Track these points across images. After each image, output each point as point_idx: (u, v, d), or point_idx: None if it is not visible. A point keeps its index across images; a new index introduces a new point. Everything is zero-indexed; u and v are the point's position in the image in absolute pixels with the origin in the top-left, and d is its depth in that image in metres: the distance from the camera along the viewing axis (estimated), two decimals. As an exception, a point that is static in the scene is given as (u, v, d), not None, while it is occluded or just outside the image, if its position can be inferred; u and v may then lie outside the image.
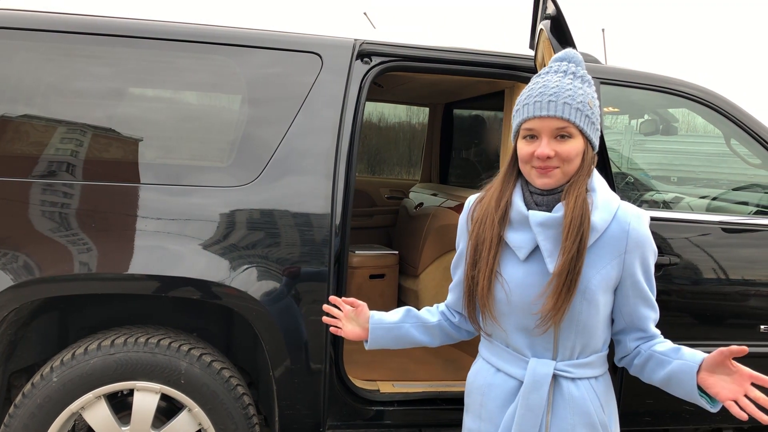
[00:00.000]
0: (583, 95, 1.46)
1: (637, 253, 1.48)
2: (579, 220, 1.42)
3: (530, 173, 1.49)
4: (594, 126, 1.48)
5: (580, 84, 1.47)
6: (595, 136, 1.50)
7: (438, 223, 3.89)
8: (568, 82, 1.46)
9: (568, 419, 1.50)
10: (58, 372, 2.27)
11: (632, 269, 1.48)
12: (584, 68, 1.52)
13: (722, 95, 2.92)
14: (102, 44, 2.41)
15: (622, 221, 1.47)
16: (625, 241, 1.46)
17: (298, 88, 2.50)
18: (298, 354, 2.43)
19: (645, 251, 1.49)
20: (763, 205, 3.10)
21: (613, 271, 1.47)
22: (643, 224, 1.49)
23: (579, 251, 1.42)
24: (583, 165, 1.48)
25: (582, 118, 1.45)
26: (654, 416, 2.84)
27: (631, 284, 1.49)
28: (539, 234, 1.47)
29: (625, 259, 1.47)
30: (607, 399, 1.57)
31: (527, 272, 1.49)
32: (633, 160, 6.24)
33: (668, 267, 2.68)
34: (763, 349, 2.81)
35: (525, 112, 1.47)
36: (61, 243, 2.27)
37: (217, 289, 2.34)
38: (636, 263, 1.48)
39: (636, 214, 1.49)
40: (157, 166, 2.40)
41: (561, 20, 2.41)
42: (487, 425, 1.59)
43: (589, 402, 1.52)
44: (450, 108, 4.81)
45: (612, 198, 1.51)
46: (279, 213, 2.41)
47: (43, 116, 2.36)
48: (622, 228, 1.46)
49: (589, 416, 1.51)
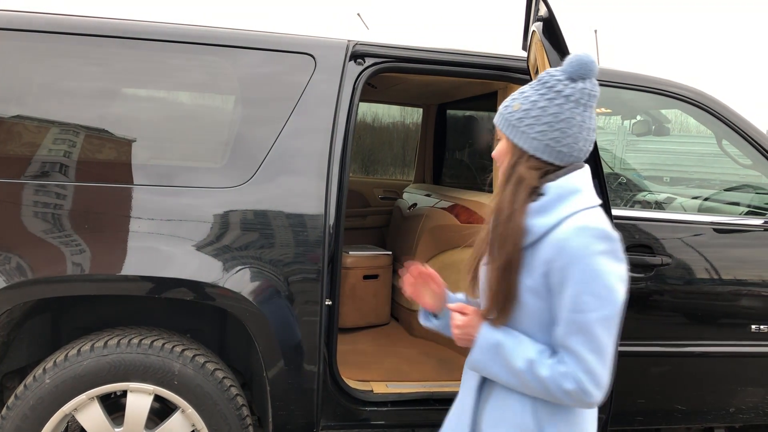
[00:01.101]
0: (512, 99, 1.51)
1: (560, 264, 1.38)
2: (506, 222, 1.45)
3: None
4: (516, 129, 1.47)
5: (526, 88, 1.50)
6: (521, 140, 1.47)
7: (431, 224, 3.89)
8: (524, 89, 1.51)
9: (497, 412, 1.51)
10: (51, 373, 2.26)
11: (554, 280, 1.40)
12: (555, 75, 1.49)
13: (713, 96, 2.94)
14: (95, 45, 2.40)
15: (560, 229, 1.40)
16: (554, 250, 1.39)
17: (291, 89, 2.50)
18: (291, 355, 2.43)
19: (571, 265, 1.36)
20: (755, 205, 3.12)
21: (542, 278, 1.41)
22: (580, 236, 1.37)
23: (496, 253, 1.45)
24: (511, 167, 1.50)
25: (502, 121, 1.51)
26: (646, 416, 2.85)
27: (554, 296, 1.41)
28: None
29: (551, 267, 1.40)
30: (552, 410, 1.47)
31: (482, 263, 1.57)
32: (625, 160, 6.26)
33: (660, 267, 2.69)
34: (754, 349, 2.83)
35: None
36: (54, 244, 2.26)
37: (210, 290, 2.34)
38: (558, 276, 1.39)
39: (578, 225, 1.38)
40: (150, 167, 2.39)
41: (553, 22, 2.42)
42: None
43: (516, 402, 1.48)
44: (443, 109, 4.82)
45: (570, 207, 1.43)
46: (272, 214, 2.41)
47: (36, 117, 2.35)
48: (557, 237, 1.40)
49: (512, 415, 1.48)
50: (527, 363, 1.40)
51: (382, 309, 4.16)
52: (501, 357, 1.44)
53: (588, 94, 1.46)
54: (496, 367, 1.46)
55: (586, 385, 1.35)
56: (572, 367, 1.36)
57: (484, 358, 1.47)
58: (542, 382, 1.38)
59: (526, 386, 1.42)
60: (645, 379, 2.78)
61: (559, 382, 1.36)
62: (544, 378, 1.38)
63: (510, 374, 1.44)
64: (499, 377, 1.46)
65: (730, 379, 2.85)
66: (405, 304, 4.09)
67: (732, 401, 2.88)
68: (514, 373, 1.43)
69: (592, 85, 1.46)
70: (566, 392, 1.36)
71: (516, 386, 1.45)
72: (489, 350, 1.46)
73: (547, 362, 1.39)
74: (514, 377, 1.43)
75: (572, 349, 1.37)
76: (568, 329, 1.37)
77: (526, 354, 1.41)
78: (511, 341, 1.44)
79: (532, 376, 1.40)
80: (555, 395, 1.38)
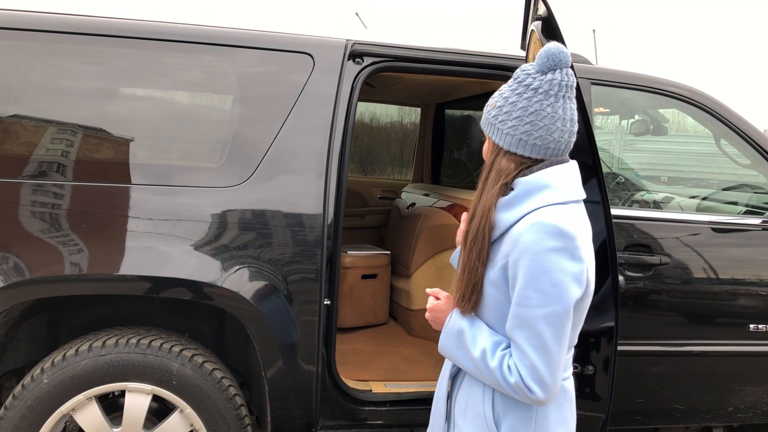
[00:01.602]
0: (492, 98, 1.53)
1: (513, 258, 1.39)
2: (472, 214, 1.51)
3: None
4: (493, 126, 1.51)
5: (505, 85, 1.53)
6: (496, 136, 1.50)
7: (430, 223, 3.89)
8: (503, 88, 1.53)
9: (464, 398, 1.56)
10: (49, 373, 2.25)
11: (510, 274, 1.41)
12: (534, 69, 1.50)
13: (712, 96, 2.94)
14: (93, 44, 2.40)
15: (519, 225, 1.41)
16: (510, 245, 1.41)
17: (290, 89, 2.50)
18: (290, 354, 2.43)
19: (520, 259, 1.38)
20: (753, 205, 3.12)
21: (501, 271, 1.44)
22: (531, 232, 1.38)
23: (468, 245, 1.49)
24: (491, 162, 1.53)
25: (483, 119, 1.54)
26: (644, 415, 2.85)
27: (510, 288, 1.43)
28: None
29: (508, 261, 1.41)
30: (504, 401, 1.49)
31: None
32: (624, 160, 6.26)
33: (659, 267, 2.69)
34: (752, 348, 2.83)
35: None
36: (52, 244, 2.26)
37: (209, 289, 2.33)
38: (510, 270, 1.41)
39: (532, 221, 1.39)
40: (148, 167, 2.39)
41: (552, 21, 2.42)
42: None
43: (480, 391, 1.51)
44: (442, 108, 4.82)
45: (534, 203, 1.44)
46: (271, 213, 2.41)
47: (33, 116, 2.34)
48: (515, 232, 1.41)
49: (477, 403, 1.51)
50: (481, 352, 1.44)
51: (381, 309, 4.16)
52: (462, 344, 1.49)
53: (559, 85, 1.45)
54: (459, 353, 1.50)
55: (527, 380, 1.36)
56: (515, 360, 1.39)
57: (449, 343, 1.53)
58: (492, 373, 1.42)
59: (483, 376, 1.46)
60: (643, 379, 2.78)
61: (505, 374, 1.39)
62: (493, 369, 1.41)
63: (470, 362, 1.48)
64: (463, 364, 1.51)
65: (729, 378, 2.85)
66: (404, 303, 4.09)
67: (730, 400, 2.88)
68: (472, 361, 1.47)
69: (563, 75, 1.46)
70: (510, 385, 1.39)
71: (476, 375, 1.49)
72: (453, 336, 1.52)
73: (498, 354, 1.42)
74: (474, 365, 1.47)
75: (517, 342, 1.39)
76: (513, 322, 1.40)
77: (482, 343, 1.45)
78: (472, 330, 1.49)
79: (484, 366, 1.43)
80: (504, 387, 1.42)
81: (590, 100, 2.78)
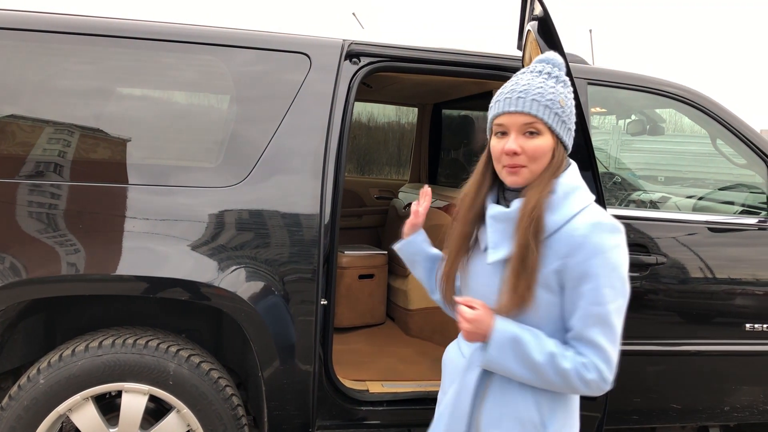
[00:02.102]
0: (553, 93, 1.47)
1: (579, 259, 1.40)
2: (532, 222, 1.42)
3: (501, 172, 1.52)
4: (565, 125, 1.48)
5: (553, 84, 1.48)
6: (567, 135, 1.50)
7: (427, 224, 3.87)
8: (540, 81, 1.48)
9: (497, 408, 1.52)
10: (45, 374, 2.25)
11: (572, 275, 1.42)
12: (564, 71, 1.53)
13: (708, 95, 2.95)
14: (90, 44, 2.39)
15: (572, 226, 1.42)
16: (569, 245, 1.41)
17: (286, 89, 2.50)
18: (287, 354, 2.43)
19: (590, 259, 1.39)
20: (749, 204, 3.13)
21: (555, 274, 1.43)
22: (596, 233, 1.40)
23: (528, 248, 1.42)
24: (551, 164, 1.48)
25: (550, 115, 1.45)
26: (641, 414, 2.86)
27: (571, 290, 1.43)
28: (490, 226, 1.52)
29: (567, 263, 1.41)
30: (553, 402, 1.51)
31: (482, 262, 1.56)
32: (620, 160, 6.27)
33: (655, 266, 2.70)
34: (748, 348, 2.84)
35: (495, 108, 1.51)
36: (49, 244, 2.25)
37: (206, 289, 2.33)
38: (576, 271, 1.41)
39: (592, 222, 1.42)
40: (145, 167, 2.39)
41: (548, 21, 2.42)
42: (441, 396, 1.70)
43: (519, 396, 1.50)
44: (439, 108, 4.82)
45: (576, 203, 1.46)
46: (268, 213, 2.41)
47: (30, 116, 2.34)
48: (570, 233, 1.42)
49: (517, 410, 1.49)
50: (548, 356, 1.42)
51: (378, 309, 4.16)
52: (519, 351, 1.43)
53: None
54: (512, 362, 1.45)
55: (605, 373, 1.40)
56: (592, 358, 1.40)
57: (499, 354, 1.45)
58: (563, 375, 1.41)
59: (543, 379, 1.43)
60: (640, 378, 2.78)
61: (581, 373, 1.40)
62: (566, 370, 1.40)
63: (526, 368, 1.44)
64: (512, 372, 1.46)
65: (725, 377, 2.85)
66: (401, 303, 4.09)
67: (727, 400, 2.89)
68: (531, 366, 1.43)
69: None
70: (586, 382, 1.40)
71: (529, 380, 1.45)
72: (506, 345, 1.44)
73: (568, 355, 1.42)
74: (531, 371, 1.44)
75: (592, 340, 1.41)
76: (586, 322, 1.41)
77: (547, 347, 1.43)
78: (528, 335, 1.44)
79: (552, 369, 1.41)
80: (573, 386, 1.42)
81: (587, 100, 2.79)
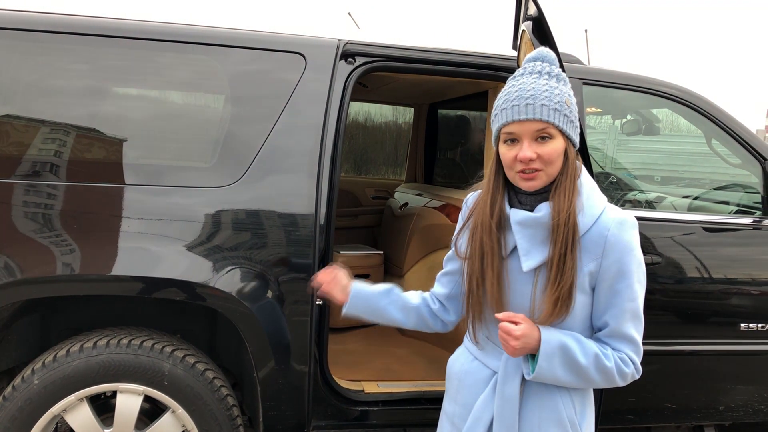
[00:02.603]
0: (560, 95, 1.46)
1: (613, 258, 1.45)
2: (570, 228, 1.44)
3: (515, 178, 1.50)
4: (573, 124, 1.49)
5: (555, 83, 1.48)
6: (575, 134, 1.51)
7: (423, 223, 3.89)
8: (543, 83, 1.47)
9: (536, 413, 1.53)
10: (40, 374, 2.24)
11: (607, 275, 1.46)
12: (558, 66, 1.53)
13: (703, 95, 2.95)
14: (85, 44, 2.39)
15: (602, 226, 1.46)
16: (603, 246, 1.45)
17: (281, 89, 2.49)
18: (282, 355, 2.43)
19: (624, 257, 1.45)
20: (744, 204, 3.13)
21: (589, 275, 1.47)
22: (625, 230, 1.46)
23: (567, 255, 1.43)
24: (567, 164, 1.48)
25: (561, 118, 1.46)
26: (636, 414, 2.86)
27: (606, 288, 1.48)
28: (517, 233, 1.50)
29: (601, 263, 1.46)
30: (583, 398, 1.57)
31: (506, 269, 1.53)
32: (616, 159, 6.27)
33: (651, 266, 2.70)
34: (743, 347, 2.85)
35: (504, 117, 1.48)
36: (44, 244, 2.25)
37: (201, 290, 2.33)
38: (612, 269, 1.45)
39: (618, 219, 1.47)
40: (140, 167, 2.38)
41: (543, 21, 2.42)
42: (461, 409, 1.66)
43: (558, 398, 1.53)
44: (435, 108, 4.82)
45: (597, 202, 1.50)
46: (263, 213, 2.41)
47: (24, 116, 2.33)
48: (601, 233, 1.46)
49: (557, 412, 1.52)
50: (593, 358, 1.46)
51: (374, 308, 4.15)
52: (566, 359, 1.45)
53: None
54: (559, 370, 1.46)
55: (638, 364, 1.50)
56: (628, 352, 1.47)
57: (549, 365, 1.46)
58: (606, 373, 1.46)
59: (586, 380, 1.47)
60: (635, 378, 2.79)
61: (621, 368, 1.46)
62: (609, 368, 1.45)
63: (572, 373, 1.47)
64: (558, 378, 1.48)
65: (720, 377, 2.86)
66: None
67: (721, 399, 2.89)
68: (577, 371, 1.46)
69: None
70: (624, 375, 1.47)
71: (571, 383, 1.49)
72: (557, 354, 1.45)
73: (608, 353, 1.47)
74: (576, 375, 1.47)
75: (627, 335, 1.47)
76: (623, 318, 1.46)
77: (591, 349, 1.46)
78: (572, 341, 1.47)
79: (596, 369, 1.46)
80: (613, 381, 1.48)
81: (582, 100, 2.79)
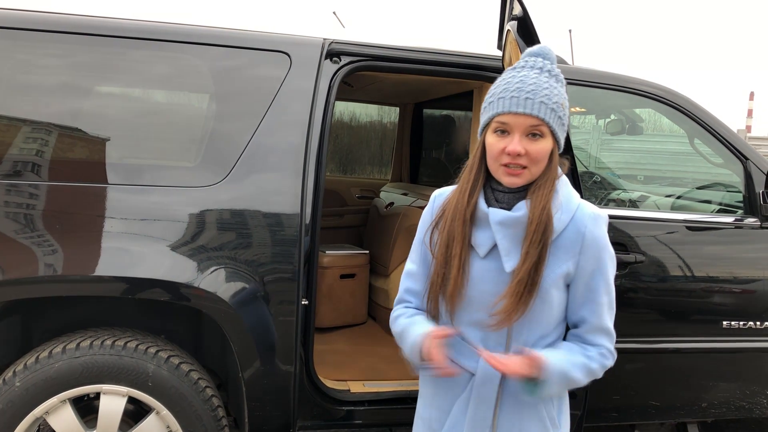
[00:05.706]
0: (558, 95, 1.46)
1: (590, 254, 1.48)
2: (543, 226, 1.44)
3: (498, 171, 1.48)
4: (563, 128, 1.50)
5: (555, 83, 1.48)
6: (563, 137, 1.51)
7: (408, 223, 3.90)
8: (545, 81, 1.46)
9: (516, 412, 1.52)
10: (21, 376, 2.22)
11: (584, 271, 1.49)
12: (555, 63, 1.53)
13: (685, 95, 2.98)
14: (68, 42, 2.37)
15: (579, 223, 1.48)
16: (580, 243, 1.48)
17: (266, 88, 2.48)
18: (267, 355, 2.42)
19: (600, 253, 1.49)
20: (726, 203, 3.16)
21: (567, 271, 1.49)
22: (599, 226, 1.50)
23: (540, 256, 1.44)
24: (550, 166, 1.48)
25: (555, 119, 1.45)
26: (620, 412, 2.88)
27: (583, 285, 1.51)
28: (497, 232, 1.48)
29: (579, 260, 1.48)
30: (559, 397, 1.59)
31: (485, 269, 1.50)
32: (600, 159, 6.32)
33: (634, 265, 2.72)
34: (725, 345, 2.87)
35: (500, 106, 1.45)
36: (25, 245, 2.22)
37: (185, 290, 2.31)
38: (589, 266, 1.49)
39: (593, 215, 1.50)
40: (123, 166, 2.36)
41: (527, 21, 2.43)
42: (437, 413, 1.62)
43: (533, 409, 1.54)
44: (420, 108, 4.82)
45: (572, 198, 1.52)
46: (248, 212, 2.40)
47: (5, 115, 2.31)
48: (578, 230, 1.48)
49: (536, 410, 1.53)
50: (583, 368, 1.49)
51: (359, 308, 4.16)
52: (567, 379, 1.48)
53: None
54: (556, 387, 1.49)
55: (614, 351, 1.54)
56: (607, 344, 1.53)
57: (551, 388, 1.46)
58: (592, 374, 1.51)
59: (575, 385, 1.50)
60: (619, 376, 2.80)
61: (604, 363, 1.52)
62: (595, 369, 1.50)
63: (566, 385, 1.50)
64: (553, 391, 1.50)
65: (703, 374, 2.89)
66: (382, 303, 4.09)
67: (704, 396, 2.92)
68: (571, 383, 1.49)
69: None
70: (605, 367, 1.53)
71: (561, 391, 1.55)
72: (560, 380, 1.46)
73: (591, 355, 1.51)
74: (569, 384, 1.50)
75: (606, 328, 1.52)
76: (601, 312, 1.51)
77: (579, 361, 1.49)
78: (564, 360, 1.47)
79: (584, 375, 1.49)
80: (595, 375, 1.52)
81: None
